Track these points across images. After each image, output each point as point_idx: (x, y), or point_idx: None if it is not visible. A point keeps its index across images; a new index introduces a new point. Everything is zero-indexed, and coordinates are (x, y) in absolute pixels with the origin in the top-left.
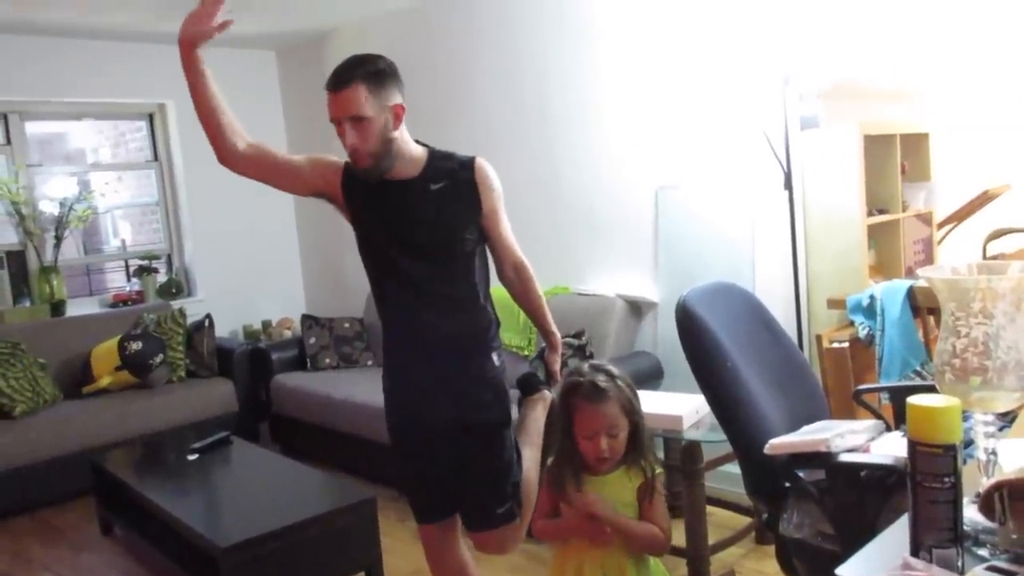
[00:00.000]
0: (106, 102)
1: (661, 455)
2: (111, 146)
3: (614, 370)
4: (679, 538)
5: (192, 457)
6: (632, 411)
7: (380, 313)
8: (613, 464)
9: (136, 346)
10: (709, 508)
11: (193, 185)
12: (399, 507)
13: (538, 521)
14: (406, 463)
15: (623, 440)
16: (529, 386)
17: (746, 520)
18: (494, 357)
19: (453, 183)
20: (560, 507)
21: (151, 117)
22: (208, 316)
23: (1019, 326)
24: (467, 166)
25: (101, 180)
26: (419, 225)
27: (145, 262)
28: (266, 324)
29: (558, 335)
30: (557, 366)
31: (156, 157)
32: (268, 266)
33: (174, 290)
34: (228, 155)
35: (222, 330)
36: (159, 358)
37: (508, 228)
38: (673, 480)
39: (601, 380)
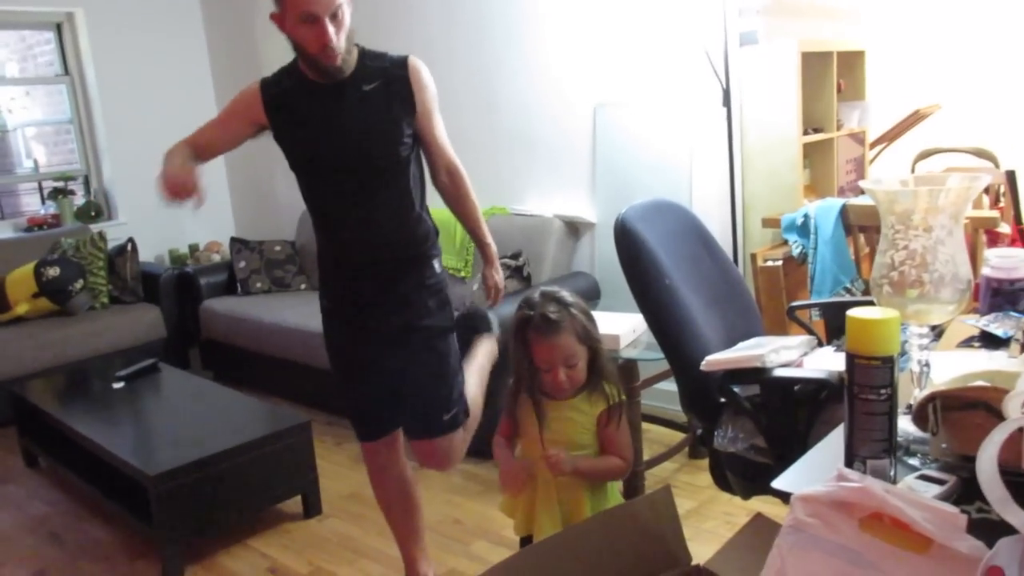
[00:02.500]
0: (6, 10)
1: None
2: (18, 60)
3: (567, 297)
4: None
5: (118, 385)
6: (588, 337)
7: (317, 230)
8: (575, 390)
9: (54, 272)
10: (644, 425)
11: (108, 102)
12: (335, 431)
13: (498, 439)
14: (349, 380)
15: (582, 368)
16: (472, 328)
17: (680, 436)
18: (435, 264)
19: (386, 83)
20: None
21: (59, 27)
22: (131, 240)
23: (957, 239)
24: (400, 65)
25: (7, 96)
26: (353, 130)
27: (60, 184)
28: (193, 248)
29: (493, 246)
30: (496, 278)
31: (67, 71)
32: None
33: (93, 213)
34: None
35: (146, 255)
36: (79, 284)
37: (442, 130)
38: None
39: (552, 311)
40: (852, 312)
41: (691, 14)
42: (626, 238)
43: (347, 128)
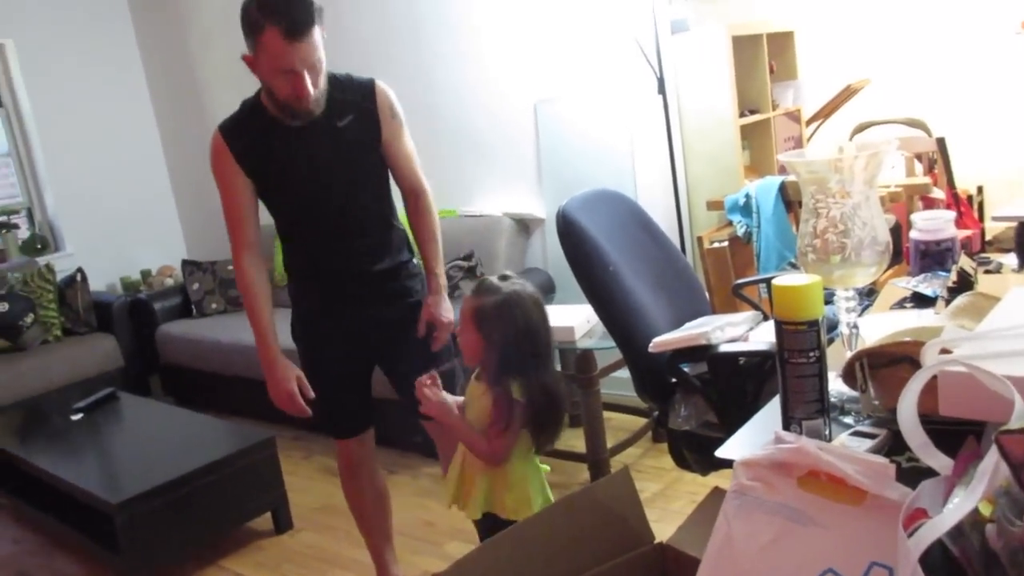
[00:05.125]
0: None
1: (558, 366)
2: None
3: (515, 291)
4: (580, 444)
5: (76, 417)
6: (483, 327)
7: (294, 254)
8: (472, 361)
9: (2, 308)
10: (606, 413)
11: (46, 131)
12: (302, 444)
13: None
14: (324, 379)
15: (469, 343)
16: None
17: (642, 421)
18: (412, 263)
19: (358, 116)
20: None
21: None
22: (80, 270)
23: (873, 202)
24: (368, 96)
25: None
26: (333, 170)
27: (3, 218)
28: (145, 274)
29: (442, 278)
30: (434, 311)
31: (0, 103)
32: (141, 213)
33: (39, 246)
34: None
35: (98, 284)
36: (30, 318)
37: (409, 152)
38: (571, 390)
39: (486, 284)
40: (777, 280)
41: (622, 4)
42: (568, 229)
43: (326, 169)
